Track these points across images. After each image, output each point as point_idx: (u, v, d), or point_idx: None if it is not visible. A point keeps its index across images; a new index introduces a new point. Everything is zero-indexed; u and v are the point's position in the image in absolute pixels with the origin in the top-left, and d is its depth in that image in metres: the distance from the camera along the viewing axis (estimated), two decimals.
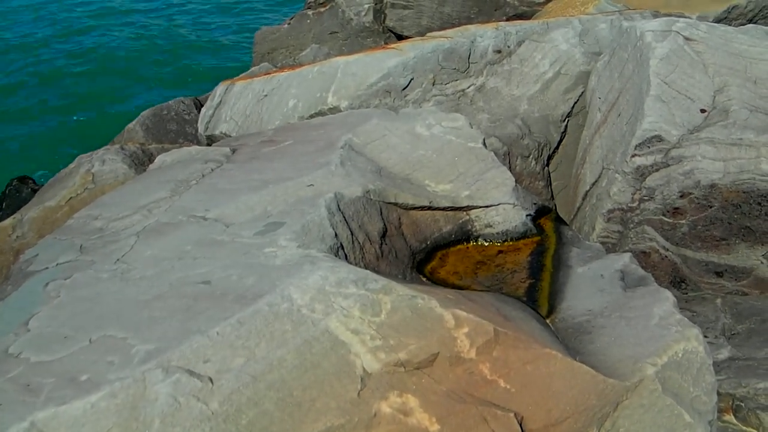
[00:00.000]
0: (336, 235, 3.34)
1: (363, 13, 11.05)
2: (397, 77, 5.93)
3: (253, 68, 9.94)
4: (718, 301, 4.67)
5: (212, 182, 4.10)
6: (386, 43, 9.95)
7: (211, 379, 2.48)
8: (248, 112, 6.35)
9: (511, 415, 2.60)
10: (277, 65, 10.11)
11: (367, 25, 11.04)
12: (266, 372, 2.53)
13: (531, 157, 5.90)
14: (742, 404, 3.79)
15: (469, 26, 6.82)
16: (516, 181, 4.28)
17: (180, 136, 8.34)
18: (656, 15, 6.89)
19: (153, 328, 2.72)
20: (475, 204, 4.12)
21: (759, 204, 4.59)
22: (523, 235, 4.12)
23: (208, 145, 6.18)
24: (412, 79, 5.99)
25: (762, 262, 4.66)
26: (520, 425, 2.60)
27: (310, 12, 11.69)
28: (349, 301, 2.73)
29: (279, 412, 2.47)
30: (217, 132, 6.54)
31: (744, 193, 4.61)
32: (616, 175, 4.97)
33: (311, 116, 5.81)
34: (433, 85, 6.08)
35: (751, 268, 4.70)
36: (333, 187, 3.70)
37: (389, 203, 3.85)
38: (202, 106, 8.25)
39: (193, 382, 2.45)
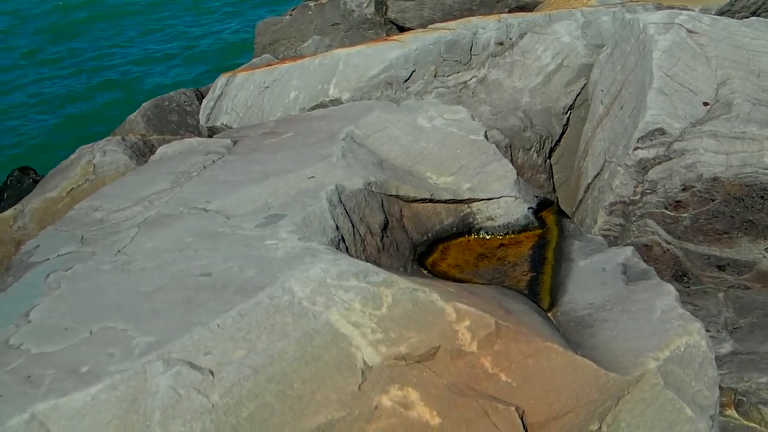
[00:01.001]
0: (337, 227, 3.34)
1: (365, 5, 11.03)
2: (398, 69, 5.92)
3: (254, 60, 9.93)
4: (721, 295, 4.67)
5: (213, 174, 4.09)
6: (388, 35, 9.93)
7: (211, 372, 2.47)
8: (250, 104, 6.34)
9: (513, 408, 2.60)
10: (279, 57, 10.10)
11: (369, 16, 11.02)
12: (267, 364, 2.53)
13: (533, 149, 5.89)
14: (744, 399, 3.79)
15: (471, 18, 6.80)
16: (518, 174, 4.28)
17: (181, 128, 8.34)
18: (659, 7, 6.86)
19: (154, 320, 2.72)
20: (476, 196, 4.12)
21: (761, 197, 4.58)
22: (525, 228, 4.12)
23: (210, 136, 6.17)
24: (413, 71, 5.98)
25: (764, 256, 4.66)
26: (521, 419, 2.60)
27: (311, 3, 11.66)
28: (350, 294, 2.73)
29: (280, 405, 2.47)
30: (218, 123, 6.53)
31: (746, 186, 4.60)
32: (618, 167, 4.96)
33: (313, 108, 5.79)
34: (435, 77, 6.07)
35: (753, 262, 4.69)
36: (334, 179, 3.70)
37: (390, 195, 3.84)
38: (203, 97, 8.23)
39: (193, 375, 2.45)
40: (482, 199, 4.13)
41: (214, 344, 2.56)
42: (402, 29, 10.51)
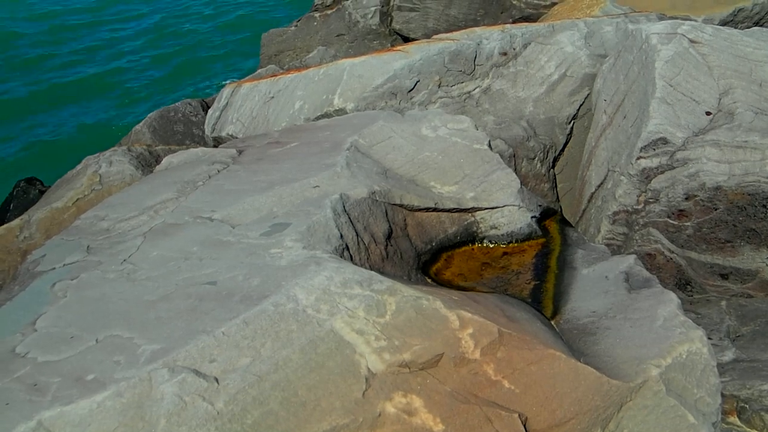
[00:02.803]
0: (341, 236, 3.35)
1: (369, 16, 11.08)
2: (403, 79, 5.94)
3: (259, 70, 9.99)
4: (723, 303, 4.67)
5: (218, 183, 4.11)
6: (392, 46, 9.97)
7: (216, 379, 2.49)
8: (254, 114, 6.36)
9: (515, 415, 2.60)
10: (284, 67, 10.15)
11: (374, 27, 11.07)
12: (271, 372, 2.54)
13: (536, 159, 5.91)
14: (747, 406, 3.79)
15: (475, 28, 6.83)
16: (521, 183, 4.29)
17: (187, 138, 8.37)
18: (662, 17, 6.89)
19: (159, 328, 2.74)
20: (480, 206, 4.13)
21: (764, 206, 4.59)
22: (528, 237, 4.13)
23: (215, 146, 6.21)
24: (418, 81, 6.00)
25: (767, 265, 4.66)
26: (524, 426, 2.61)
27: (317, 14, 11.72)
28: (354, 302, 2.75)
29: (284, 412, 2.48)
30: (223, 133, 6.56)
31: (749, 195, 4.61)
32: (622, 177, 4.97)
33: (317, 118, 5.82)
34: (439, 87, 6.09)
35: (756, 271, 4.70)
36: (339, 188, 3.72)
37: (395, 205, 3.86)
38: (208, 107, 8.28)
39: (198, 382, 2.46)
40: (486, 208, 4.14)
41: (219, 352, 2.57)
42: (407, 40, 10.56)
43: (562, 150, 6.21)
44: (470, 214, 4.15)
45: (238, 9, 23.32)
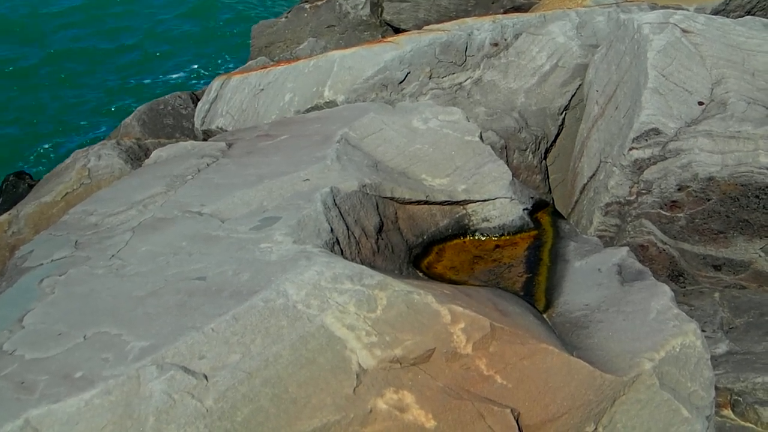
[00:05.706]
0: (332, 230, 3.33)
1: (360, 7, 11.04)
2: (393, 71, 5.91)
3: (249, 62, 9.93)
4: (716, 294, 4.66)
5: (208, 177, 4.08)
6: (383, 37, 9.93)
7: (205, 376, 2.47)
8: (244, 107, 6.33)
9: (508, 410, 2.59)
10: (275, 59, 10.10)
11: (365, 18, 11.03)
12: (261, 368, 2.52)
13: (528, 150, 5.89)
14: (741, 399, 3.78)
15: (466, 19, 6.81)
16: (513, 175, 4.27)
17: (176, 131, 8.33)
18: (654, 7, 6.86)
19: (148, 325, 2.71)
20: (471, 198, 4.11)
21: (757, 197, 4.58)
22: (520, 230, 4.11)
23: (205, 139, 6.17)
24: (408, 72, 5.97)
25: (760, 256, 4.65)
26: (517, 421, 2.60)
27: (307, 6, 11.67)
28: (344, 297, 2.72)
29: (274, 409, 2.46)
30: (213, 126, 6.53)
31: (742, 186, 4.60)
32: (614, 168, 4.95)
33: (307, 110, 5.79)
34: (430, 78, 6.07)
35: (749, 262, 4.69)
36: (329, 181, 3.69)
37: (386, 198, 3.84)
38: (198, 100, 8.23)
39: (187, 379, 2.44)
40: (477, 201, 4.12)
41: (208, 348, 2.55)
42: (397, 31, 10.51)
43: (554, 141, 6.19)
44: (462, 207, 4.13)
45: (228, 0, 23.23)
